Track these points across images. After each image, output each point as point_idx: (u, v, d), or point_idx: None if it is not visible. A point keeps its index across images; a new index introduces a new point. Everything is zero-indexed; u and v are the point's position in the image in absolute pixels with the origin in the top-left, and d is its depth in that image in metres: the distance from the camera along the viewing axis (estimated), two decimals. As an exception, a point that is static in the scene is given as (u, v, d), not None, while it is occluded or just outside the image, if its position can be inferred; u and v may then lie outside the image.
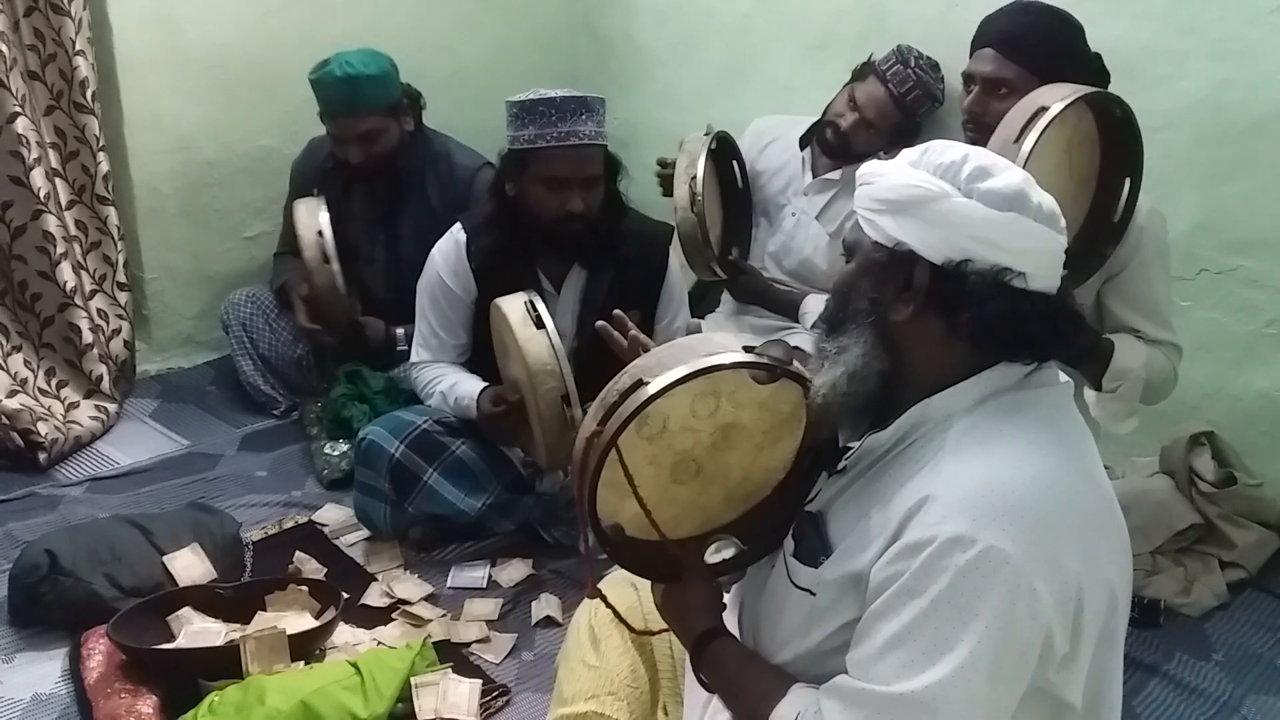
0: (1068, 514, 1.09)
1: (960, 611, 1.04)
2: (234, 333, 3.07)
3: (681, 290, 2.51)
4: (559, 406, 2.10)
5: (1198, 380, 2.36)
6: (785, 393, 1.26)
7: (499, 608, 2.28)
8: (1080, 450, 1.17)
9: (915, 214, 1.14)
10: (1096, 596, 1.11)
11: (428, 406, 2.48)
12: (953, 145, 1.17)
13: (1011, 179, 1.13)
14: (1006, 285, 1.12)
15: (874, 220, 1.18)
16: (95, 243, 3.05)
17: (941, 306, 1.15)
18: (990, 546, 1.03)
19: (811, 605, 1.20)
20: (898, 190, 1.15)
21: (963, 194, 1.13)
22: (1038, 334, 1.15)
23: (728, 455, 1.30)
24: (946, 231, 1.13)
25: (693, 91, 3.52)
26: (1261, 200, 2.39)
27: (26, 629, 2.17)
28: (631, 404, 1.20)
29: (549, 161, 2.20)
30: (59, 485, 2.73)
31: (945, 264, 1.13)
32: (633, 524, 1.32)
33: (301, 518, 2.60)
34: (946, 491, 1.08)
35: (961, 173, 1.14)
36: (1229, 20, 2.35)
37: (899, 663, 1.06)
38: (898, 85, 2.63)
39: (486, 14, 3.62)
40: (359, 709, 1.83)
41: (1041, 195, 1.15)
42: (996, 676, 1.05)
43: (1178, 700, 2.08)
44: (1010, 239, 1.12)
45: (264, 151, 3.32)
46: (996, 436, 1.12)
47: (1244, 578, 2.38)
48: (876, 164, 1.21)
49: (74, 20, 2.82)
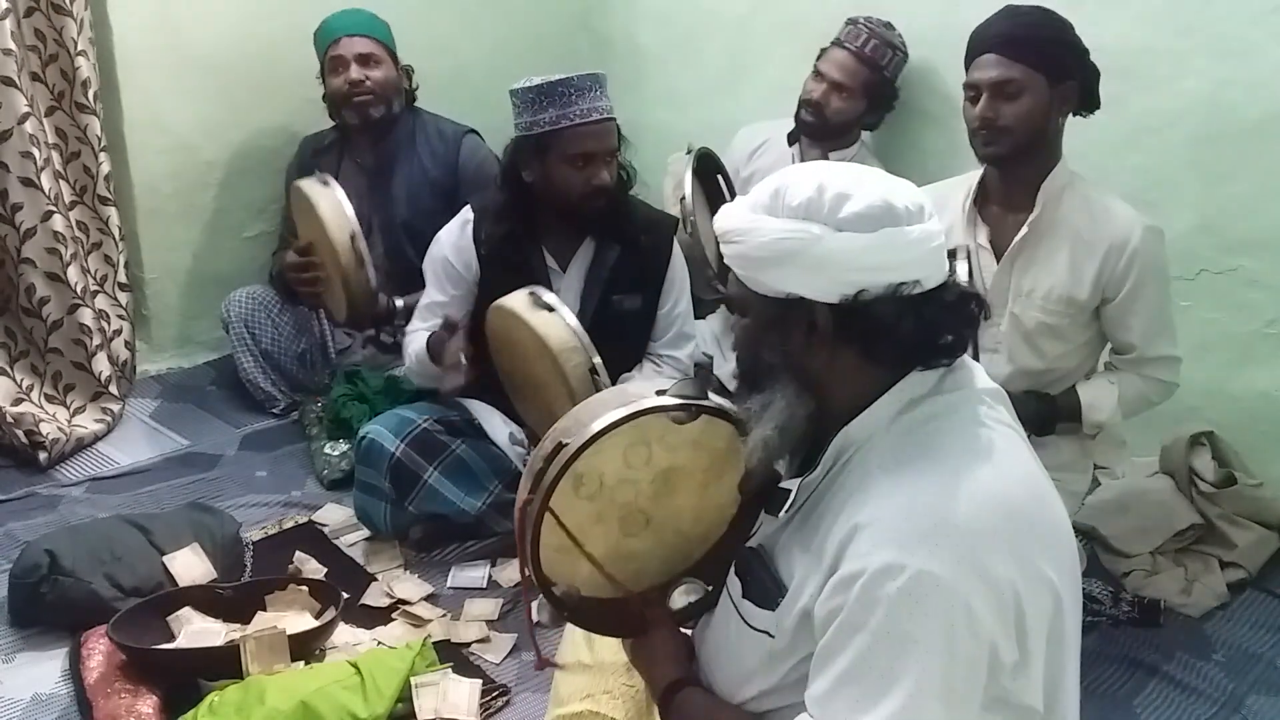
0: (994, 521, 1.08)
1: (900, 641, 1.03)
2: (234, 330, 3.07)
3: (684, 278, 2.52)
4: (589, 379, 2.11)
5: (1198, 380, 2.35)
6: (715, 428, 1.26)
7: (499, 608, 2.28)
8: (1003, 451, 1.15)
9: (794, 264, 1.11)
10: (1038, 598, 1.09)
11: (428, 405, 2.48)
12: (801, 177, 1.14)
13: (872, 193, 1.11)
14: (906, 299, 1.11)
15: (755, 277, 1.15)
16: (96, 243, 3.04)
17: (853, 337, 1.13)
18: (920, 571, 1.03)
19: (770, 647, 1.19)
20: (768, 247, 1.12)
21: (833, 229, 1.10)
22: (950, 332, 1.14)
23: (674, 499, 1.31)
24: (831, 272, 1.10)
25: (693, 91, 3.52)
26: (1261, 200, 2.39)
27: (26, 629, 2.17)
28: (556, 465, 1.21)
29: (576, 139, 2.23)
30: (59, 485, 2.74)
31: (842, 301, 1.11)
32: (589, 584, 1.33)
33: (301, 518, 2.60)
34: (873, 519, 1.07)
35: (823, 206, 1.10)
36: (1229, 20, 2.35)
37: (852, 699, 1.06)
38: (852, 41, 2.71)
39: (486, 14, 3.62)
40: (359, 709, 1.83)
41: (902, 196, 1.12)
42: (949, 699, 1.04)
43: (1178, 700, 2.08)
44: (893, 255, 1.10)
45: (264, 151, 3.32)
46: (917, 454, 1.11)
47: (1244, 578, 2.38)
48: (735, 218, 1.17)
49: (75, 20, 2.82)
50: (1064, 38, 2.00)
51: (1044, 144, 2.03)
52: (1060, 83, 1.98)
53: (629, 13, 3.66)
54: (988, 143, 2.02)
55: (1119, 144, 2.49)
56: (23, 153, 2.75)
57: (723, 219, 1.19)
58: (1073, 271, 2.05)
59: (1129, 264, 2.02)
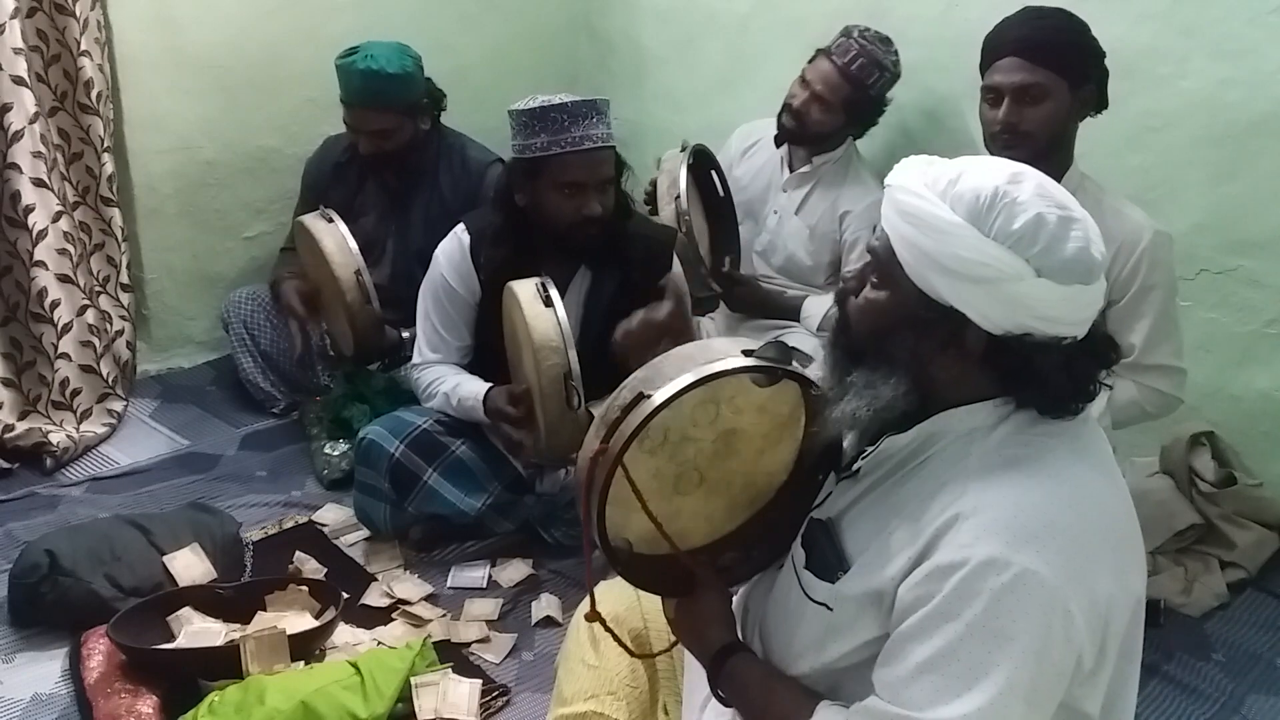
0: (1099, 532, 1.08)
1: (996, 636, 1.02)
2: (234, 330, 3.07)
3: (684, 292, 2.50)
4: (561, 384, 2.09)
5: (1198, 380, 2.35)
6: (783, 394, 1.25)
7: (499, 608, 2.28)
8: (1105, 462, 1.16)
9: (982, 289, 1.06)
10: (1123, 611, 1.10)
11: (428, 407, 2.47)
12: (1025, 198, 1.06)
13: (1079, 241, 1.05)
14: (1063, 349, 1.09)
15: (922, 274, 1.09)
16: (99, 244, 3.04)
17: (996, 366, 1.11)
18: (1025, 569, 1.02)
19: (828, 620, 1.17)
20: (962, 262, 1.06)
21: (1034, 271, 1.04)
22: (1086, 379, 1.12)
23: (729, 462, 1.28)
24: (1012, 310, 1.06)
25: (693, 91, 3.52)
26: (1261, 200, 2.39)
27: (26, 629, 2.17)
28: (636, 417, 1.17)
29: (565, 167, 2.19)
30: (59, 485, 2.73)
31: (1003, 335, 1.08)
32: (639, 540, 1.30)
33: (301, 518, 2.60)
34: (978, 512, 1.06)
35: (1037, 243, 1.04)
36: (1229, 20, 2.35)
37: (933, 687, 1.04)
38: (841, 56, 2.67)
39: (486, 14, 3.62)
40: (359, 709, 1.83)
41: (1097, 244, 1.08)
42: (1033, 701, 1.04)
43: (1178, 700, 2.08)
44: (1073, 311, 1.08)
45: (264, 151, 3.32)
46: (1025, 455, 1.10)
47: (1244, 578, 2.38)
48: (929, 209, 1.08)
49: (79, 21, 2.81)
50: (1086, 42, 2.00)
51: (1060, 149, 2.03)
52: (1081, 87, 1.98)
53: (629, 13, 3.66)
54: (1008, 146, 2.00)
55: (1119, 144, 2.49)
56: (34, 153, 2.74)
57: (908, 195, 1.10)
58: None
59: (1138, 265, 2.02)
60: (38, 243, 2.79)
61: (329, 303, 2.82)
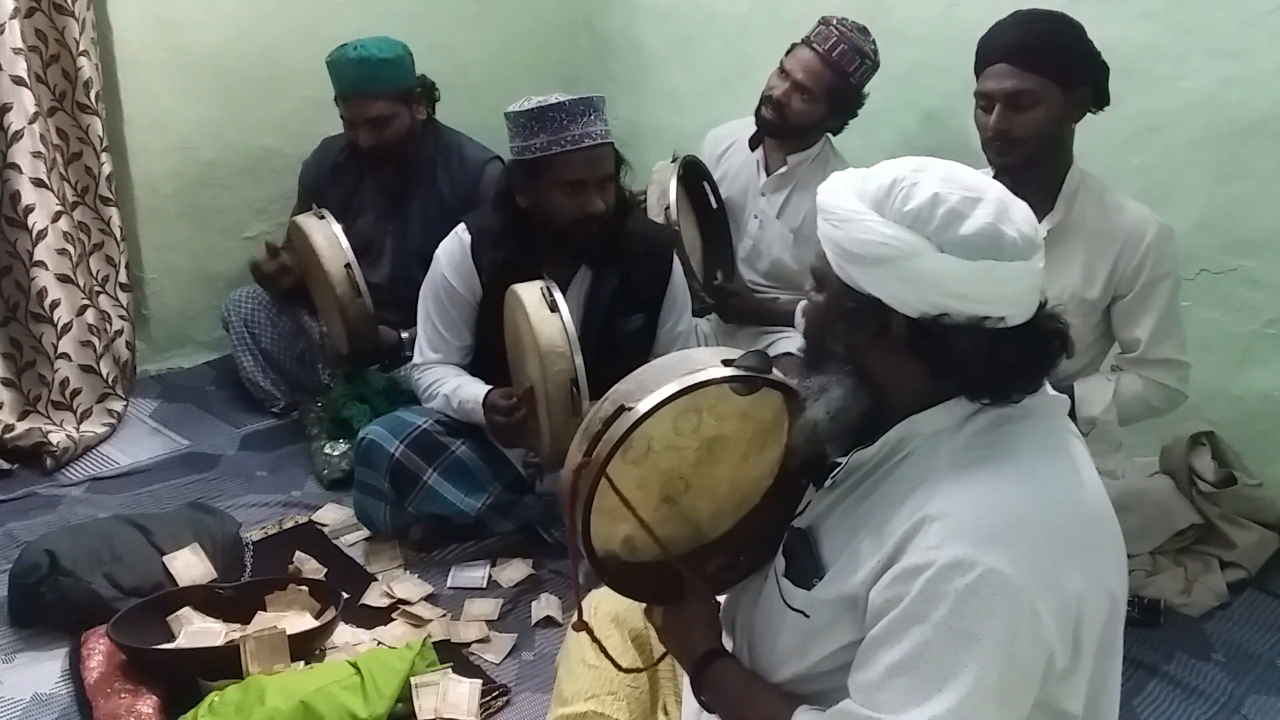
0: (1069, 530, 1.08)
1: (963, 637, 1.02)
2: (235, 329, 3.07)
3: (685, 293, 2.50)
4: (567, 389, 2.10)
5: (1198, 380, 2.35)
6: (766, 401, 1.26)
7: (499, 608, 2.28)
8: (1076, 459, 1.16)
9: (885, 270, 1.09)
10: (1097, 608, 1.10)
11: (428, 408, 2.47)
12: (922, 180, 1.10)
13: (983, 218, 1.07)
14: (985, 331, 1.09)
15: (842, 265, 1.13)
16: (98, 244, 3.04)
17: (921, 352, 1.12)
18: (990, 569, 1.02)
19: (807, 627, 1.19)
20: (865, 245, 1.09)
21: (935, 247, 1.07)
22: (1024, 370, 1.12)
23: (714, 469, 1.30)
24: (920, 288, 1.08)
25: (693, 91, 3.52)
26: (1261, 200, 2.39)
27: (26, 629, 2.17)
28: (619, 430, 1.19)
29: (566, 166, 2.19)
30: (59, 485, 2.74)
31: (921, 317, 1.09)
32: (626, 549, 1.32)
33: (301, 518, 2.60)
34: (944, 513, 1.06)
35: (932, 220, 1.07)
36: (1229, 20, 2.35)
37: (903, 690, 1.05)
38: (821, 43, 2.62)
39: (486, 14, 3.62)
40: (359, 709, 1.83)
41: (1016, 224, 1.08)
42: (1004, 700, 1.04)
43: (1178, 700, 2.08)
44: (985, 288, 1.07)
45: (264, 151, 3.32)
46: (992, 454, 1.10)
47: (1244, 578, 2.38)
48: (840, 200, 1.13)
49: (77, 20, 2.81)
50: (1078, 45, 1.98)
51: (1057, 150, 2.03)
52: (1074, 90, 1.97)
53: (629, 13, 3.66)
54: (1002, 153, 2.00)
55: (1119, 144, 2.49)
56: (34, 153, 2.75)
57: (827, 195, 1.15)
58: (1085, 272, 2.04)
59: (1143, 259, 2.01)
60: (37, 243, 2.79)
61: (322, 300, 2.81)
